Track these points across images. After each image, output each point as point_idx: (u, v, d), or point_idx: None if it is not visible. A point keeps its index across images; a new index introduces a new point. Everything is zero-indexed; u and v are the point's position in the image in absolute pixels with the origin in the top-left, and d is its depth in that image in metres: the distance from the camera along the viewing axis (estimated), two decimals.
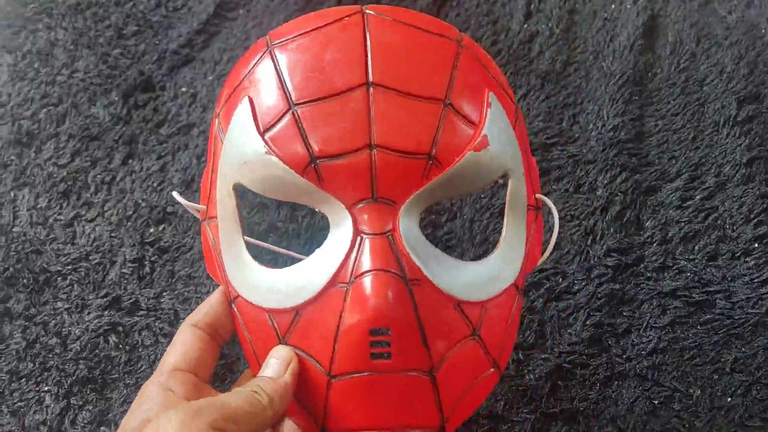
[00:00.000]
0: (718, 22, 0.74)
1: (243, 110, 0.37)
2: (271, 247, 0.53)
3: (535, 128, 0.67)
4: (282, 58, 0.38)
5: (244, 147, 0.37)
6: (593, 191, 0.63)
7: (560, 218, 0.61)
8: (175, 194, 0.43)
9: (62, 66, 0.74)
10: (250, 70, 0.39)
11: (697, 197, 0.62)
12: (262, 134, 0.36)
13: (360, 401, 0.35)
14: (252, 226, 0.62)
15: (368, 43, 0.37)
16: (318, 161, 0.35)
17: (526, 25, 0.76)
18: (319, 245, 0.37)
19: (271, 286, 0.37)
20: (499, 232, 0.61)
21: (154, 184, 0.65)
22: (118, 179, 0.66)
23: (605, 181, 0.63)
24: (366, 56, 0.36)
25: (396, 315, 0.34)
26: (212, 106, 0.71)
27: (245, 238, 0.39)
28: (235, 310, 0.39)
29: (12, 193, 0.65)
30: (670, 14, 0.75)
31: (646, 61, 0.72)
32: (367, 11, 0.38)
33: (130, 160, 0.67)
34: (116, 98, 0.71)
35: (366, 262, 0.34)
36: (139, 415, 0.33)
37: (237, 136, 0.37)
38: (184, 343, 0.38)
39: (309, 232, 0.62)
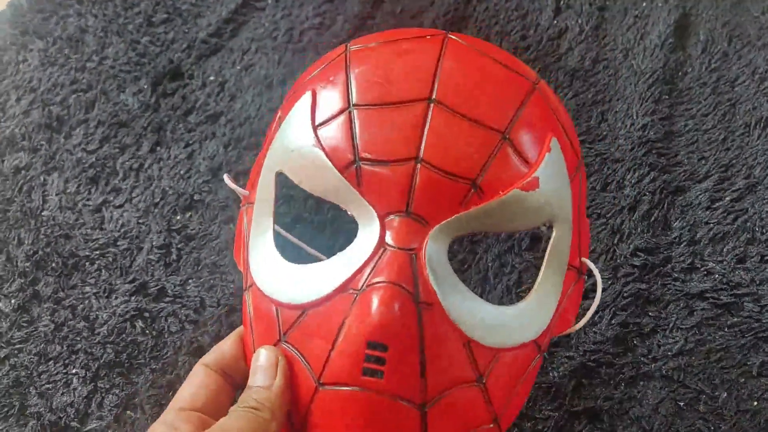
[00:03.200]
0: (750, 21, 0.73)
1: (304, 102, 0.37)
2: (299, 242, 0.53)
3: None
4: (355, 61, 0.37)
5: (294, 136, 0.37)
6: (621, 190, 0.63)
7: (587, 216, 0.61)
8: (225, 177, 0.44)
9: (92, 52, 0.74)
10: (323, 68, 0.39)
11: (727, 198, 0.61)
12: (315, 127, 0.36)
13: (341, 416, 0.34)
14: (278, 216, 0.62)
15: (441, 61, 0.36)
16: (360, 163, 0.34)
17: (555, 21, 0.76)
18: (344, 239, 0.36)
19: (286, 279, 0.36)
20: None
21: (182, 172, 0.66)
22: (146, 166, 0.66)
23: (633, 180, 0.63)
24: (435, 73, 0.36)
25: (397, 331, 0.32)
26: (240, 95, 0.72)
27: (275, 227, 0.39)
28: (248, 298, 0.39)
29: (41, 177, 0.65)
30: (701, 13, 0.75)
31: (677, 60, 0.71)
32: (450, 36, 0.38)
33: (158, 148, 0.68)
34: (145, 86, 0.72)
35: (381, 273, 0.33)
36: None
37: (291, 125, 0.37)
38: (193, 384, 0.37)
39: (334, 225, 0.62)
